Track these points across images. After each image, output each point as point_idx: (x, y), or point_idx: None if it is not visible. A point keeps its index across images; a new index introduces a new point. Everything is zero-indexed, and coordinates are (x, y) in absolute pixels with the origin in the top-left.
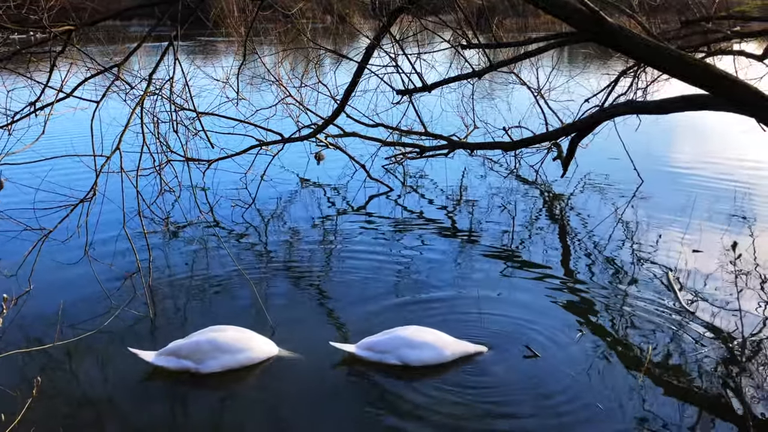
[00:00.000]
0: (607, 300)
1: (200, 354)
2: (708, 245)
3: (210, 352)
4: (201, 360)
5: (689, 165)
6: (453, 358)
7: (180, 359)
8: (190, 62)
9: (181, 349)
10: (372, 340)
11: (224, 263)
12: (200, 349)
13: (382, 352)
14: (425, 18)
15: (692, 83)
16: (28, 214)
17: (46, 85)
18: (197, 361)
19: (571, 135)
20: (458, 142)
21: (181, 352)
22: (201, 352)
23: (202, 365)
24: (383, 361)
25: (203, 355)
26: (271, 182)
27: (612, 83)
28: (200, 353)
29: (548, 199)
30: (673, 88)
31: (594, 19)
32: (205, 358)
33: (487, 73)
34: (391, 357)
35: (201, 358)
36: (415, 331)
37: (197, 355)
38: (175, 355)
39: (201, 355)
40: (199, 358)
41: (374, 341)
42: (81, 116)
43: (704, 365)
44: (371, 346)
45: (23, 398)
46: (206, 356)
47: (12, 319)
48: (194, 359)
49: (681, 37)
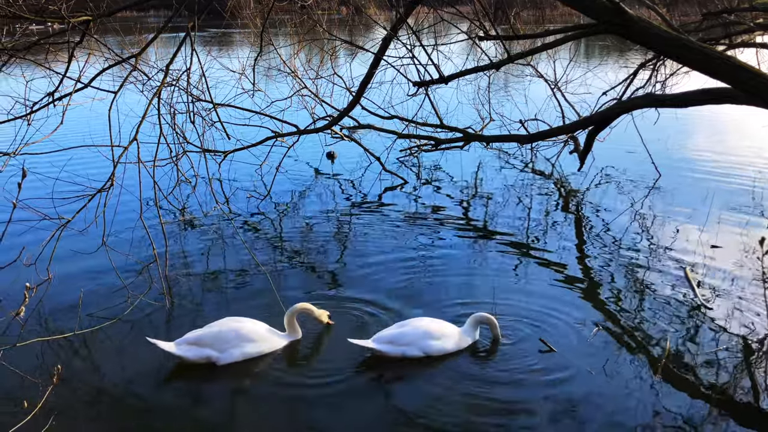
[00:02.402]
0: (623, 295)
1: (223, 343)
2: (726, 241)
3: (232, 341)
4: (223, 349)
5: (708, 159)
6: (466, 346)
7: (202, 348)
8: (207, 53)
9: (203, 338)
10: (391, 333)
11: (239, 254)
12: (223, 337)
13: (404, 345)
14: (442, 9)
15: (713, 76)
16: (46, 204)
17: (64, 76)
18: (220, 350)
19: (589, 128)
20: (474, 135)
21: (202, 341)
22: (224, 341)
23: (224, 354)
24: (404, 354)
25: (226, 344)
26: (286, 174)
27: (630, 76)
28: (223, 342)
29: (564, 192)
30: (693, 81)
31: (614, 11)
32: (227, 347)
33: (505, 64)
34: (414, 349)
35: (224, 347)
36: (431, 323)
37: (220, 344)
38: (197, 344)
39: (224, 344)
40: (221, 347)
41: (394, 334)
42: (98, 107)
43: (721, 362)
44: (392, 340)
45: (44, 386)
46: (228, 345)
47: (32, 308)
48: (217, 348)
49: (702, 29)
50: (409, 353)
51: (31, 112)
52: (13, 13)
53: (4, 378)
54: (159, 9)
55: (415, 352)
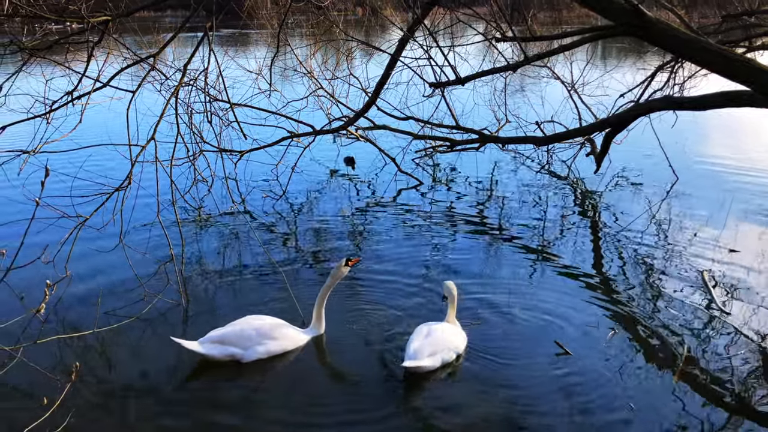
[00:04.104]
0: (640, 299)
1: (246, 341)
2: (745, 245)
3: (256, 338)
4: (247, 347)
5: (726, 162)
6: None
7: (226, 346)
8: (224, 53)
9: (227, 336)
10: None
11: (255, 253)
12: (247, 335)
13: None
14: (458, 10)
15: (732, 79)
16: (65, 202)
17: (83, 75)
18: (243, 348)
19: (606, 130)
20: (489, 137)
21: (226, 340)
22: (247, 338)
23: (248, 352)
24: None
25: (250, 341)
26: (301, 174)
27: (648, 78)
28: (247, 340)
29: (580, 195)
30: (712, 84)
31: (633, 12)
32: (251, 345)
33: (522, 66)
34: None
35: (247, 345)
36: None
37: (243, 342)
38: (220, 342)
39: (247, 341)
40: (245, 345)
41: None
42: (117, 106)
43: (739, 367)
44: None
45: (63, 382)
46: (252, 343)
47: (50, 306)
48: (241, 346)
49: (721, 32)
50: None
51: (50, 111)
52: (34, 12)
53: (25, 374)
54: (176, 9)
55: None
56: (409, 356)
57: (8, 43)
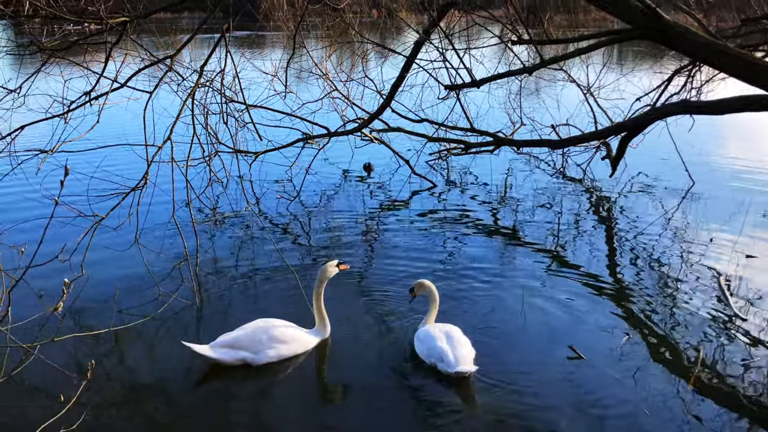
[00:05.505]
0: (654, 303)
1: (257, 345)
2: (762, 250)
3: (267, 342)
4: (258, 350)
5: (743, 167)
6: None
7: (237, 351)
8: (240, 55)
9: (237, 340)
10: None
11: (269, 254)
12: (257, 339)
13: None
14: (474, 13)
15: (751, 83)
16: (81, 201)
17: (101, 75)
18: (254, 352)
19: (621, 134)
20: (504, 139)
21: (237, 344)
22: (258, 342)
23: (258, 355)
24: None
25: (260, 345)
26: (315, 175)
27: (665, 82)
28: (258, 344)
29: (595, 198)
30: (729, 88)
31: (651, 16)
32: (261, 349)
33: (538, 69)
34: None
35: (258, 349)
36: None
37: (254, 345)
38: (231, 346)
39: (258, 345)
40: (256, 349)
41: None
42: (134, 106)
43: (755, 374)
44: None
45: (78, 380)
46: (263, 347)
47: (67, 304)
48: (251, 350)
49: (740, 35)
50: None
51: (68, 111)
52: (53, 13)
53: (41, 372)
54: (193, 11)
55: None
56: (453, 362)
57: (28, 43)
